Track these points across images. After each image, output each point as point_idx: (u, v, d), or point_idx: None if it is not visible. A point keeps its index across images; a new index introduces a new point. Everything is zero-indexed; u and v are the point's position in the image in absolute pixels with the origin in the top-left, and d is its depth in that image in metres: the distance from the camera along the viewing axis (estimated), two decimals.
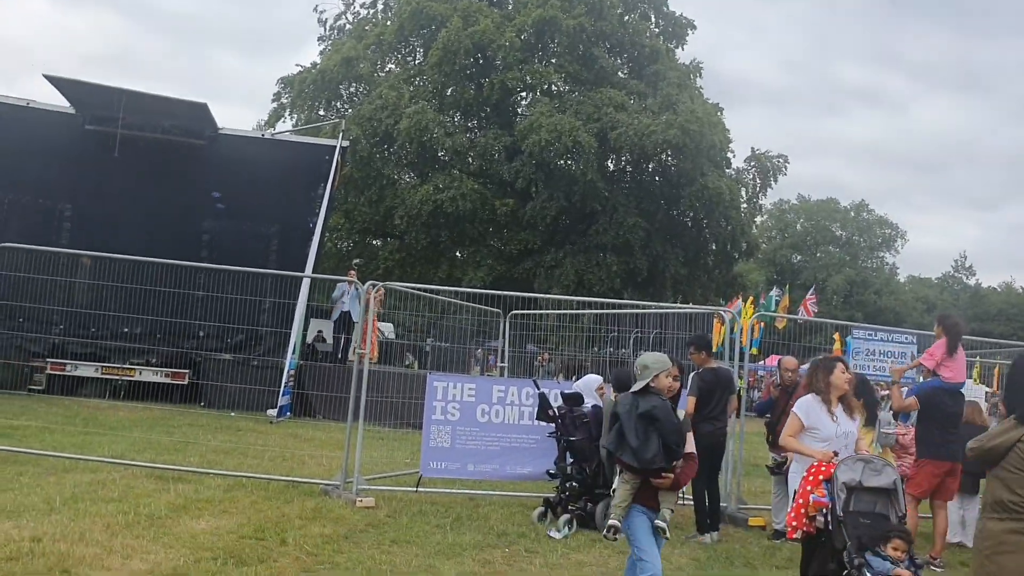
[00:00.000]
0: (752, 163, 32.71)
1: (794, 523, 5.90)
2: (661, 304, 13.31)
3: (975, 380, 19.52)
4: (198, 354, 17.19)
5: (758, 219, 78.28)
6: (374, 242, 33.91)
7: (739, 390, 9.26)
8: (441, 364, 16.61)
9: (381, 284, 10.03)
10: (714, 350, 10.08)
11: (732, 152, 31.95)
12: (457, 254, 32.08)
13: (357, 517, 8.27)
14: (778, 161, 32.52)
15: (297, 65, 34.42)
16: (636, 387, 5.39)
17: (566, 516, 8.50)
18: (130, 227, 17.18)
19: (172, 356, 17.09)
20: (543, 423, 9.10)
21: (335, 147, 17.63)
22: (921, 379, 9.38)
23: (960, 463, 8.33)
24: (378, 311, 18.86)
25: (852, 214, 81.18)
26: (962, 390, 8.49)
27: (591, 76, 30.85)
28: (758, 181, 32.64)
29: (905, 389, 8.75)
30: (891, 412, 9.43)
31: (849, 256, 79.01)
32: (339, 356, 18.33)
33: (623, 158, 31.66)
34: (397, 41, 33.25)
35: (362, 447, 9.20)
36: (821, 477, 5.81)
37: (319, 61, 33.22)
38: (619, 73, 32.41)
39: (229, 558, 6.46)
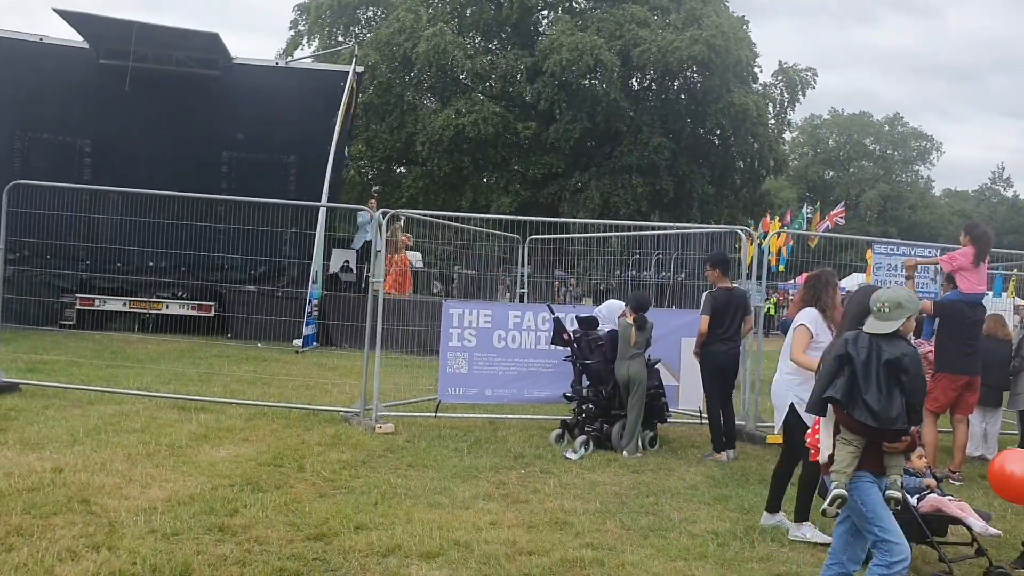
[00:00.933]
0: (780, 78, 31.88)
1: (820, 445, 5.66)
2: (681, 224, 13.12)
3: (1010, 293, 19.17)
4: (223, 286, 17.38)
5: (788, 135, 77.52)
6: (398, 170, 33.73)
7: (768, 308, 9.22)
8: (469, 292, 16.67)
9: (392, 212, 9.92)
10: (744, 270, 9.97)
11: (759, 67, 31.15)
12: (484, 180, 31.83)
13: (376, 443, 8.37)
14: (807, 75, 31.66)
15: None
16: (883, 328, 4.32)
17: (582, 437, 8.55)
18: (150, 161, 17.22)
19: (198, 289, 17.30)
20: (559, 347, 9.10)
21: (348, 73, 17.37)
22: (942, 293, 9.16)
23: (978, 376, 8.21)
24: (406, 245, 19.10)
25: (886, 127, 79.44)
26: (983, 302, 8.29)
27: None
28: (786, 96, 31.83)
29: (928, 304, 8.52)
30: None
31: (883, 171, 77.55)
32: (363, 286, 18.41)
33: (648, 76, 30.98)
34: None
35: (379, 375, 9.26)
36: None
37: None
38: None
39: (247, 484, 6.57)
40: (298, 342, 15.45)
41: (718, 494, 7.20)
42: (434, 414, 9.38)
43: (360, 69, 18.84)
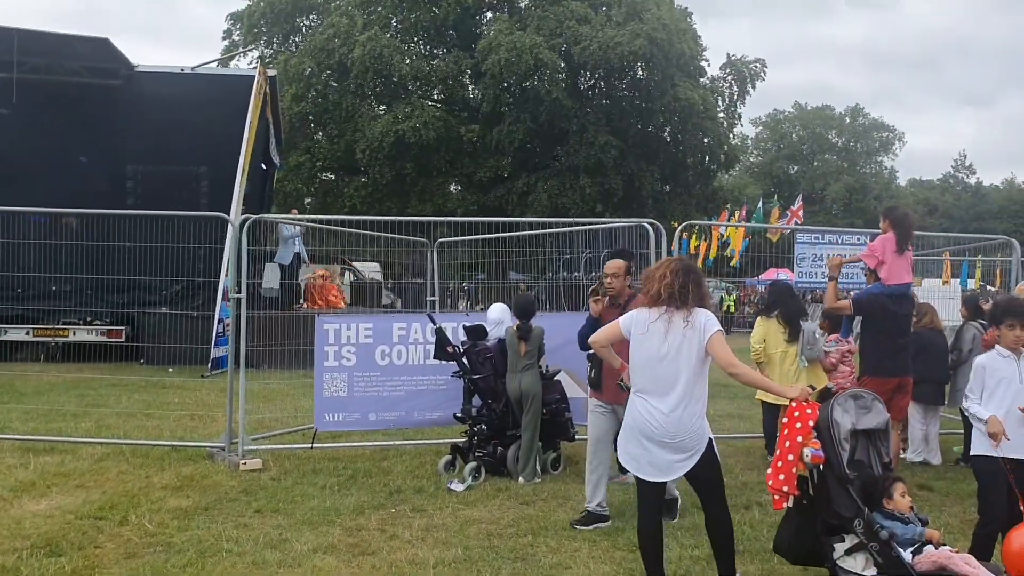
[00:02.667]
0: (728, 71, 31.12)
1: (784, 488, 4.50)
2: (585, 220, 12.20)
3: (977, 280, 18.35)
4: (134, 309, 16.30)
5: (751, 131, 77.14)
6: (343, 178, 32.63)
7: (728, 305, 8.39)
8: (420, 302, 15.63)
9: (255, 217, 8.89)
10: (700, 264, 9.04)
11: (706, 61, 30.45)
12: (427, 185, 30.80)
13: (234, 483, 7.35)
14: (755, 67, 30.93)
15: None
16: None
17: (472, 464, 7.57)
18: (46, 178, 16.06)
19: (107, 313, 16.21)
20: (445, 362, 8.10)
21: (254, 77, 16.30)
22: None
23: (910, 377, 7.29)
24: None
25: (848, 120, 79.27)
26: (909, 292, 7.36)
27: None
28: (735, 89, 31.07)
29: (853, 293, 7.59)
30: (821, 317, 8.39)
31: (847, 163, 77.35)
32: (286, 303, 17.41)
33: (596, 75, 30.13)
34: None
35: (244, 403, 8.23)
36: (811, 423, 4.53)
37: None
38: None
39: (44, 547, 5.54)
40: (211, 368, 14.39)
41: (610, 528, 6.24)
42: (310, 445, 8.34)
43: (272, 73, 17.75)
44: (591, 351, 6.01)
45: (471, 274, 16.86)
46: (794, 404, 4.59)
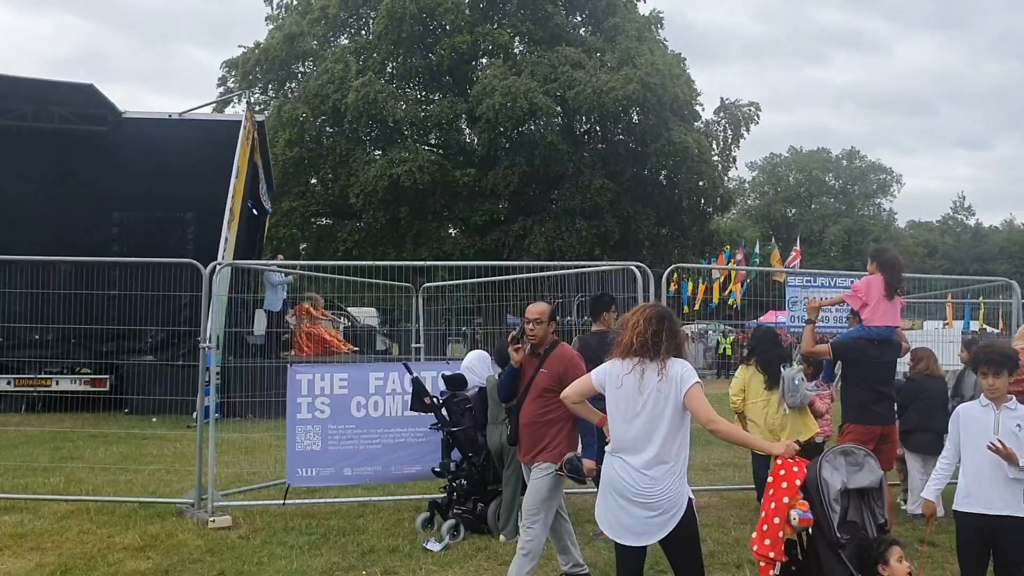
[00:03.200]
0: (722, 114, 31.10)
1: (771, 554, 4.21)
2: (576, 263, 11.94)
3: (981, 323, 17.97)
4: (118, 358, 16.03)
5: (748, 174, 77.38)
6: (338, 223, 32.42)
7: (724, 348, 8.15)
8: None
9: (225, 264, 8.64)
10: (696, 307, 8.79)
11: (701, 105, 30.39)
12: (422, 228, 30.59)
13: (201, 542, 7.00)
14: (749, 110, 30.88)
15: (240, 47, 32.85)
16: None
17: (450, 522, 7.22)
18: (31, 225, 15.88)
19: (91, 362, 15.96)
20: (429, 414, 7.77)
21: (241, 122, 16.17)
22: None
23: (894, 426, 6.97)
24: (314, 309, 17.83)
25: (844, 162, 79.63)
26: (893, 337, 7.03)
27: (546, 35, 29.23)
28: (729, 132, 31.02)
29: (825, 347, 7.26)
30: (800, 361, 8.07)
31: (844, 205, 77.56)
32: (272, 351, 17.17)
33: (592, 119, 30.13)
34: (346, 14, 31.68)
35: (214, 457, 7.91)
36: (797, 482, 4.23)
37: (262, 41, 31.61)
38: (576, 30, 30.85)
39: None
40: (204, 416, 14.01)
41: None
42: (282, 502, 7.98)
43: (260, 118, 17.64)
44: (511, 403, 5.75)
45: (469, 319, 16.63)
46: (779, 462, 4.27)
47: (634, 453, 4.34)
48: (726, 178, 32.16)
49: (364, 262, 15.93)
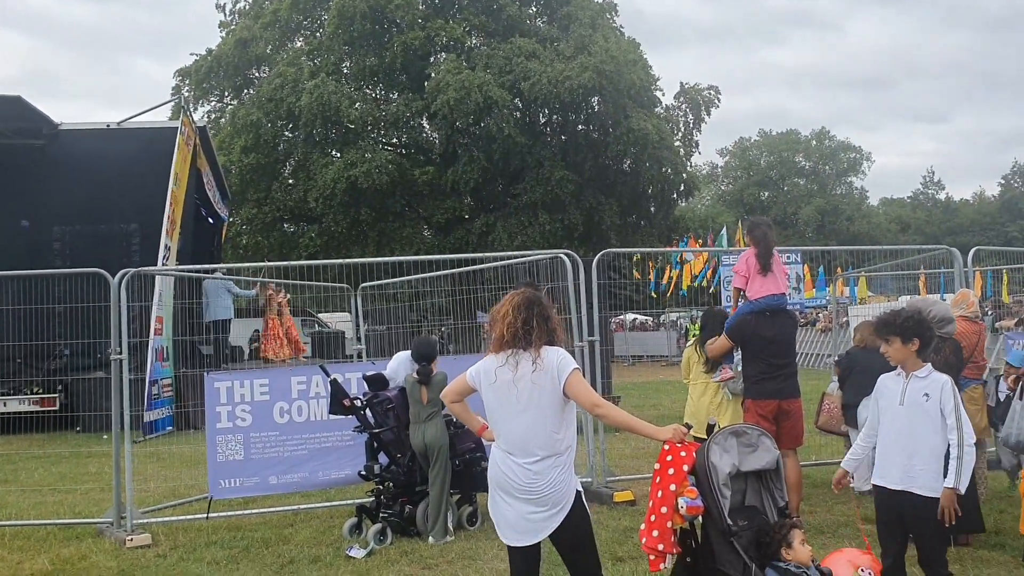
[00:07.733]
0: (681, 99, 30.95)
1: (660, 546, 3.93)
2: (503, 254, 11.70)
3: (922, 294, 17.82)
4: (67, 375, 15.64)
5: (720, 160, 77.42)
6: (300, 227, 32.04)
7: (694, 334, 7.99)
8: (383, 350, 15.03)
9: (134, 270, 8.35)
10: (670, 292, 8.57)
11: (660, 91, 30.24)
12: (385, 229, 30.28)
13: (114, 563, 6.70)
14: (709, 94, 30.78)
15: (192, 54, 32.33)
16: None
17: (376, 527, 6.96)
18: None
19: (40, 380, 15.57)
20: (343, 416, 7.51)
21: (177, 128, 15.79)
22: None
23: (796, 400, 6.81)
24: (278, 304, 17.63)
25: (814, 143, 79.68)
26: (783, 306, 6.88)
27: (500, 27, 29.01)
28: (691, 117, 30.89)
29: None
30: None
31: (817, 186, 77.61)
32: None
33: (552, 110, 29.89)
34: (300, 17, 31.32)
35: (131, 472, 7.61)
36: (685, 467, 3.95)
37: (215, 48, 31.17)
38: (531, 21, 30.60)
39: None
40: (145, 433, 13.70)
41: None
42: (206, 515, 7.69)
43: (201, 123, 17.28)
44: None
45: (441, 318, 16.41)
46: (666, 447, 4.03)
47: (518, 448, 4.09)
48: (689, 163, 32.02)
49: (299, 262, 15.67)
